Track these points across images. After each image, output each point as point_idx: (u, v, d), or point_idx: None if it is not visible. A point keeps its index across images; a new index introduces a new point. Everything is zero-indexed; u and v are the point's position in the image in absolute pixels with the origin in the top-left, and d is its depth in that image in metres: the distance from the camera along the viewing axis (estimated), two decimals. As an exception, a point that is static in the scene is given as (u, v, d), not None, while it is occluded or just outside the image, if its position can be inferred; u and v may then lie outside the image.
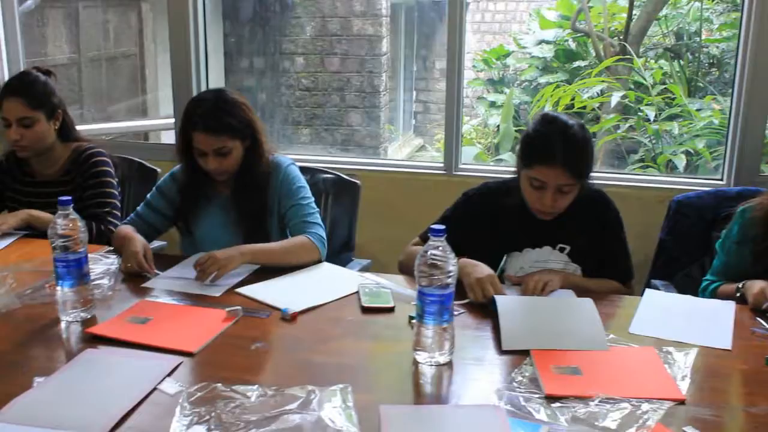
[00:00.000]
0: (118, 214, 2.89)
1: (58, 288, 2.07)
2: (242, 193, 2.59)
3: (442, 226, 1.81)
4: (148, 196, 2.71)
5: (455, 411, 1.67)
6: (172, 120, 3.88)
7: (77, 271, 2.06)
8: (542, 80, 7.41)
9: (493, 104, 7.92)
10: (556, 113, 2.40)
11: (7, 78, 3.87)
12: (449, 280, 1.81)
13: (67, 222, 2.02)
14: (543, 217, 2.36)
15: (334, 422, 1.57)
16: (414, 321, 2.01)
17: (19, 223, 2.75)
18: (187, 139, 2.53)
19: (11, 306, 2.14)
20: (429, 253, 1.79)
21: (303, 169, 2.74)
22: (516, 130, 6.52)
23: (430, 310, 1.81)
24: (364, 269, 2.70)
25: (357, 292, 2.27)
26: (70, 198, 2.04)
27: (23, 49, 4.01)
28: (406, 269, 2.46)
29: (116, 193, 2.92)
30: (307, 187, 2.64)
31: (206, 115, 2.49)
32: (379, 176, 3.59)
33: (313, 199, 2.63)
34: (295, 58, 6.89)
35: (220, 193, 2.65)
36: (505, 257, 2.40)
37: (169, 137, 4.75)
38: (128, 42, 5.65)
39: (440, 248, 1.80)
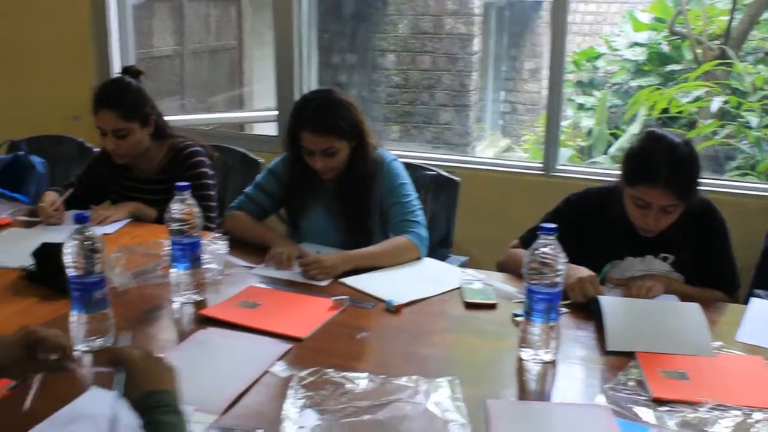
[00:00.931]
0: (215, 215, 2.95)
1: (173, 270, 2.15)
2: (347, 191, 2.63)
3: (553, 225, 1.82)
4: (258, 177, 2.77)
5: (563, 409, 1.67)
6: (275, 112, 3.96)
7: (191, 255, 2.13)
8: (633, 83, 7.29)
9: (581, 106, 7.83)
10: (662, 130, 2.33)
11: (118, 69, 4.03)
12: (558, 279, 1.81)
13: (183, 207, 2.10)
14: (646, 234, 2.33)
15: (443, 413, 1.60)
16: (518, 318, 2.03)
17: (126, 215, 2.85)
18: (295, 137, 2.58)
19: (127, 285, 2.23)
20: (539, 251, 1.80)
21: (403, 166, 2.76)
22: (609, 133, 6.43)
23: (538, 308, 1.82)
24: (462, 266, 2.71)
25: (459, 288, 2.29)
26: (188, 184, 2.12)
27: (134, 42, 4.14)
28: (506, 270, 2.46)
29: (214, 193, 2.97)
30: (410, 183, 2.65)
31: (315, 115, 2.52)
32: (476, 174, 3.59)
33: (415, 195, 2.64)
34: (387, 55, 6.94)
35: (326, 189, 2.68)
36: (608, 265, 2.38)
37: (265, 129, 4.83)
38: (228, 35, 5.79)
39: (550, 246, 1.81)
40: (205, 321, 2.04)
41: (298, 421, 1.55)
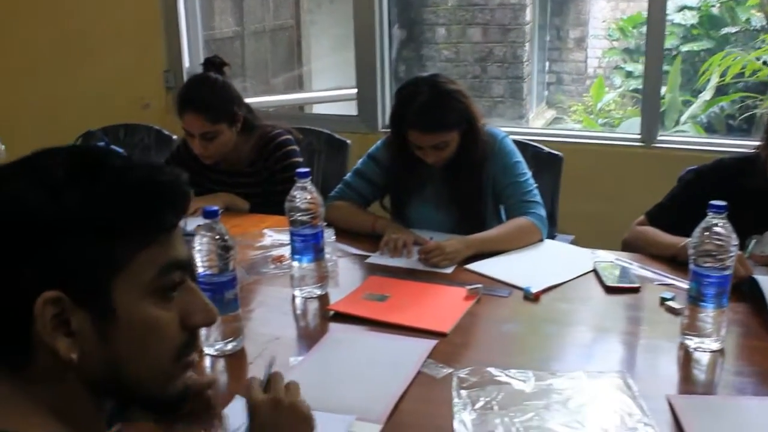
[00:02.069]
0: None
1: (295, 263, 2.02)
2: (457, 176, 2.45)
3: (723, 203, 1.68)
4: (359, 164, 2.60)
5: (758, 404, 1.53)
6: (354, 90, 3.82)
7: (315, 246, 2.00)
8: (684, 48, 7.08)
9: (630, 74, 7.62)
10: None
11: (187, 57, 3.91)
12: (730, 262, 1.67)
13: (305, 195, 1.97)
14: None
15: (627, 412, 1.46)
16: (669, 302, 1.91)
17: (221, 206, 2.71)
18: (400, 130, 2.40)
19: (243, 281, 2.09)
20: (712, 231, 1.65)
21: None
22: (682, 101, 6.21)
23: (709, 293, 1.68)
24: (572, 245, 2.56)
25: (594, 271, 2.14)
26: (308, 170, 1.99)
27: (202, 24, 3.99)
28: (633, 249, 2.31)
29: None
30: (523, 161, 2.48)
31: (422, 113, 2.32)
32: (567, 148, 3.37)
33: (530, 174, 2.46)
34: (436, 29, 6.77)
35: (434, 174, 2.50)
36: (754, 240, 2.22)
37: (326, 109, 4.69)
38: (285, 14, 5.62)
39: (721, 225, 1.67)
40: (329, 316, 1.92)
41: (476, 429, 1.42)
